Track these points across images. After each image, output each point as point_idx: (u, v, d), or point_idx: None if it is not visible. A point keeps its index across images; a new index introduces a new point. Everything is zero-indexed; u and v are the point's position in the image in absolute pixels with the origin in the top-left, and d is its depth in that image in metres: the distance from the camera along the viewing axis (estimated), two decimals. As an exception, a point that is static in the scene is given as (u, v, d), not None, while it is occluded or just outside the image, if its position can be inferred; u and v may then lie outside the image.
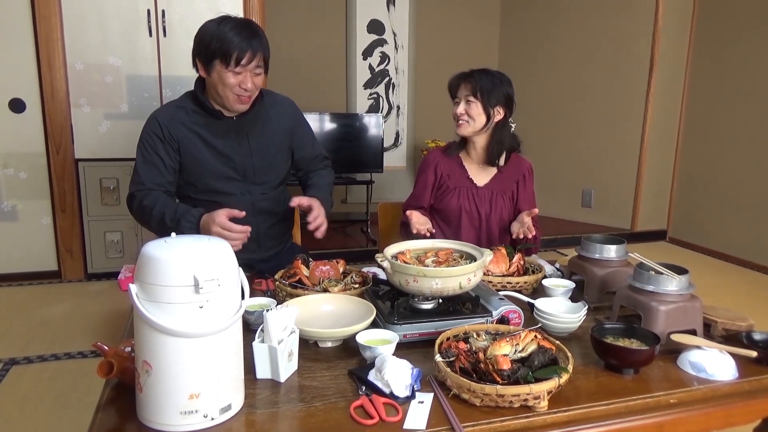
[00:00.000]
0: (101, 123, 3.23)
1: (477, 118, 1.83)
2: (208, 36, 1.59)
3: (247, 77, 1.60)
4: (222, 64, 1.58)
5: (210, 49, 1.58)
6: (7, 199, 3.23)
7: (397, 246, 1.50)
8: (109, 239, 3.37)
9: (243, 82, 1.60)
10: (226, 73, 1.59)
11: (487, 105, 1.81)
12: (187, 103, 1.72)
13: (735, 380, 1.10)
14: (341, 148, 4.32)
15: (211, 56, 1.59)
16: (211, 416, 0.89)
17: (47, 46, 3.07)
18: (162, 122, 1.69)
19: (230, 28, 1.57)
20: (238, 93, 1.62)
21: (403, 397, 0.97)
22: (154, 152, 1.68)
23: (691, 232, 4.43)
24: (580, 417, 0.96)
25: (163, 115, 1.70)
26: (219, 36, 1.56)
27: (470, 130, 1.86)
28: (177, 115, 1.70)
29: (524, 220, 1.77)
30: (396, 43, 4.84)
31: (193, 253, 0.89)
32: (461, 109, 1.84)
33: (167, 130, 1.68)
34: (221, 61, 1.58)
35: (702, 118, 4.29)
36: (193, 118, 1.70)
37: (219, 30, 1.57)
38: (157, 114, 1.72)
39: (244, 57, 1.57)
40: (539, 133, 4.85)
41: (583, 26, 4.62)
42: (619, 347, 1.10)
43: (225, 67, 1.58)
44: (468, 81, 1.83)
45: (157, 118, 1.70)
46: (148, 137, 1.69)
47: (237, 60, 1.56)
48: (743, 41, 3.91)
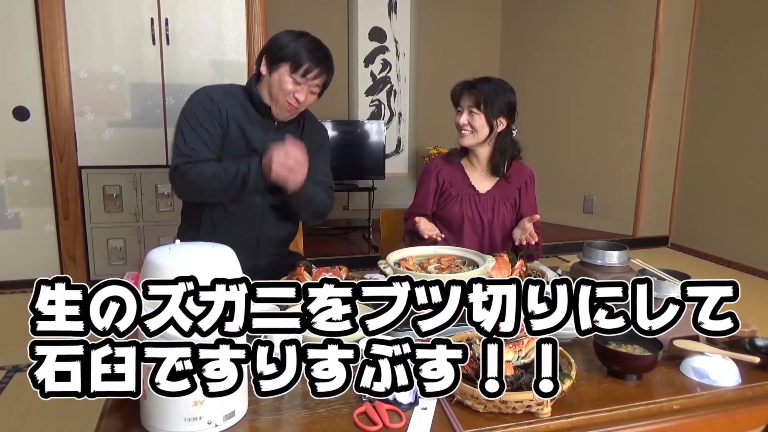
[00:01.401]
0: (105, 131, 3.24)
1: (480, 130, 1.83)
2: (285, 41, 1.63)
3: (304, 90, 1.64)
4: (290, 68, 1.61)
5: (283, 52, 1.61)
6: (10, 206, 3.25)
7: (399, 252, 1.51)
8: (112, 246, 3.37)
9: (298, 92, 1.63)
10: (287, 78, 1.61)
11: (490, 116, 1.81)
12: (238, 91, 1.72)
13: (738, 386, 1.10)
14: (343, 155, 4.33)
15: (281, 58, 1.62)
16: (215, 423, 0.90)
17: (51, 54, 3.09)
18: (213, 97, 1.66)
19: (307, 42, 1.64)
20: (290, 101, 1.64)
21: (406, 404, 0.97)
22: (201, 124, 1.64)
23: (693, 238, 4.42)
24: (583, 423, 0.96)
25: (214, 92, 1.68)
26: (297, 45, 1.62)
27: (473, 141, 1.86)
28: (227, 98, 1.69)
29: (526, 226, 1.77)
30: (397, 51, 4.87)
31: (197, 260, 0.89)
32: (464, 119, 1.84)
33: (216, 105, 1.65)
34: (290, 66, 1.61)
35: (703, 124, 4.29)
36: (241, 106, 1.69)
37: (298, 40, 1.63)
38: (207, 89, 1.69)
39: (312, 71, 1.61)
40: (541, 140, 4.86)
41: (583, 33, 4.64)
42: (622, 353, 1.10)
43: (290, 73, 1.61)
44: (471, 92, 1.82)
45: (208, 92, 1.68)
46: (197, 108, 1.65)
47: (305, 71, 1.61)
48: (744, 47, 3.92)
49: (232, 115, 1.67)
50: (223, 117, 1.66)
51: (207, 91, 1.68)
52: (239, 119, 1.68)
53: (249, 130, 1.69)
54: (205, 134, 1.64)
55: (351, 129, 4.44)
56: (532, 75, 4.95)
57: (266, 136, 1.70)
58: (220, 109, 1.66)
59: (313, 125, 1.86)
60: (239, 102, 1.69)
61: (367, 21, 4.74)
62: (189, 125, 1.64)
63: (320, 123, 1.92)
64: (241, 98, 1.70)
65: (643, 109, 4.36)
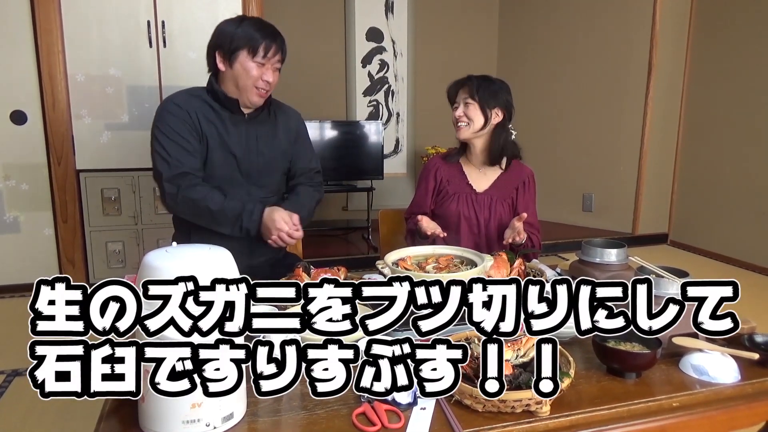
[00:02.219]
0: (102, 134, 3.24)
1: (475, 119, 1.84)
2: (230, 31, 1.64)
3: (269, 70, 1.66)
4: (249, 54, 1.63)
5: (235, 42, 1.63)
6: (9, 210, 3.24)
7: (397, 252, 1.51)
8: (111, 249, 3.37)
9: (265, 74, 1.65)
10: (250, 63, 1.63)
11: (485, 106, 1.83)
12: (201, 93, 1.72)
13: (738, 383, 1.10)
14: (341, 155, 4.34)
15: (236, 47, 1.63)
16: (214, 425, 0.89)
17: (48, 58, 3.09)
18: (182, 105, 1.66)
19: (253, 23, 1.65)
20: (259, 86, 1.66)
21: (405, 404, 0.97)
22: (179, 134, 1.64)
23: (693, 235, 4.43)
24: (582, 422, 0.96)
25: (181, 100, 1.68)
26: (244, 30, 1.63)
27: (469, 132, 1.87)
28: (193, 101, 1.69)
29: (515, 225, 1.77)
30: (395, 51, 4.87)
31: (194, 262, 0.89)
32: (460, 111, 1.86)
33: (187, 112, 1.65)
34: (248, 52, 1.63)
35: (701, 121, 4.30)
36: (207, 108, 1.70)
37: (242, 26, 1.64)
38: (173, 98, 1.69)
39: (270, 49, 1.64)
40: (539, 139, 4.87)
41: (581, 31, 4.64)
42: (621, 351, 1.10)
43: (251, 58, 1.63)
44: (465, 84, 1.86)
45: (175, 101, 1.68)
46: (171, 120, 1.64)
47: (265, 51, 1.63)
48: (741, 43, 3.93)
49: (202, 115, 1.68)
50: (194, 120, 1.66)
51: (172, 100, 1.69)
52: (210, 118, 1.69)
53: (221, 127, 1.70)
54: (184, 142, 1.64)
55: (349, 130, 4.44)
56: (530, 73, 4.96)
57: (240, 131, 1.72)
58: (189, 113, 1.66)
59: (285, 112, 1.87)
60: (205, 102, 1.70)
61: (365, 21, 4.74)
62: (166, 137, 1.64)
63: (290, 107, 1.92)
64: (205, 98, 1.71)
65: (641, 106, 4.37)
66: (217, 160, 1.69)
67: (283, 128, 1.83)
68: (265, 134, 1.77)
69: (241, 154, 1.72)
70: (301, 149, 1.90)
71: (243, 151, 1.72)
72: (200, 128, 1.67)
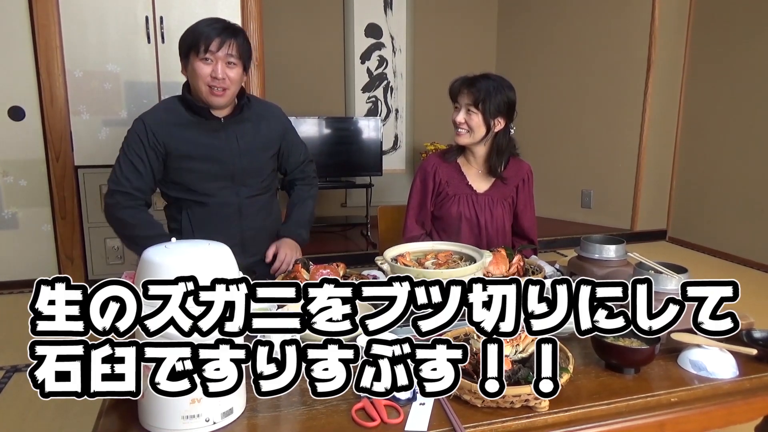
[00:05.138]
0: (100, 130, 3.23)
1: (477, 130, 1.80)
2: (185, 34, 1.65)
3: (218, 66, 1.61)
4: (194, 53, 1.61)
5: (186, 43, 1.63)
6: (7, 206, 3.24)
7: (396, 248, 1.51)
8: (110, 246, 3.37)
9: (214, 71, 1.61)
10: (197, 63, 1.61)
11: (487, 116, 1.78)
12: (175, 104, 1.72)
13: (736, 378, 1.10)
14: (340, 151, 4.33)
15: (186, 50, 1.64)
16: (213, 420, 0.90)
17: (46, 53, 3.08)
18: (148, 125, 1.67)
19: (205, 21, 1.64)
20: (210, 84, 1.62)
21: (404, 399, 0.97)
22: (137, 155, 1.66)
23: (691, 232, 4.43)
24: (581, 417, 0.97)
25: (151, 118, 1.69)
26: (193, 30, 1.63)
27: (469, 140, 1.83)
28: (165, 117, 1.69)
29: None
30: (394, 47, 4.85)
31: (193, 257, 0.89)
32: (461, 117, 1.81)
33: (153, 133, 1.66)
34: (194, 52, 1.61)
35: (700, 117, 4.30)
36: (181, 118, 1.69)
37: (194, 26, 1.64)
38: (144, 117, 1.70)
39: (211, 42, 1.59)
40: (538, 135, 4.86)
41: (580, 28, 4.64)
42: (619, 347, 1.10)
43: (196, 56, 1.61)
44: (470, 90, 1.78)
45: (144, 120, 1.69)
46: (134, 139, 1.67)
47: (206, 46, 1.59)
48: (740, 41, 3.92)
49: (173, 134, 1.67)
50: (160, 143, 1.67)
51: (143, 119, 1.69)
52: (183, 132, 1.68)
53: (199, 136, 1.69)
54: (139, 164, 1.66)
55: (348, 126, 4.44)
56: (529, 70, 4.95)
57: (218, 135, 1.71)
58: (156, 135, 1.66)
59: (265, 109, 1.84)
60: (178, 114, 1.70)
61: (363, 17, 4.72)
62: (125, 155, 1.67)
63: (270, 103, 1.90)
64: (179, 109, 1.70)
65: (640, 103, 4.37)
66: (195, 164, 1.70)
67: (265, 125, 1.80)
68: (245, 134, 1.75)
69: (223, 157, 1.71)
70: (291, 144, 1.90)
71: (224, 155, 1.72)
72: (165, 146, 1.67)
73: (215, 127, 1.71)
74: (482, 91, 1.77)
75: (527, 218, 1.98)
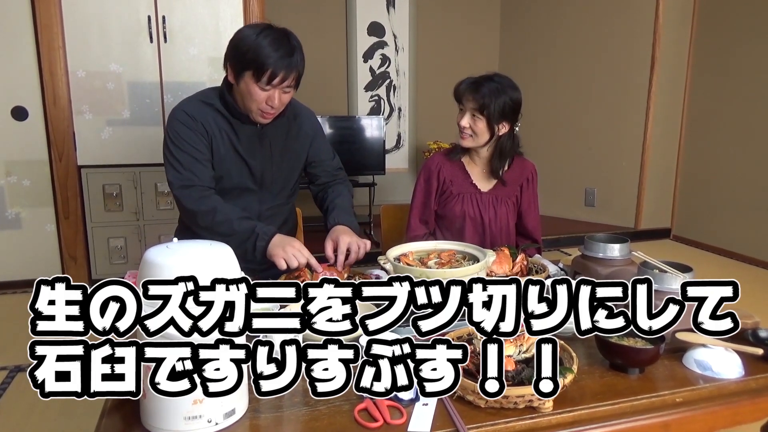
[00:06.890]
0: (103, 130, 3.24)
1: (481, 135, 1.79)
2: (244, 45, 1.49)
3: (275, 95, 1.52)
4: (253, 77, 1.49)
5: (244, 60, 1.48)
6: (10, 206, 3.25)
7: (399, 248, 1.50)
8: (113, 245, 3.38)
9: (270, 99, 1.52)
10: (254, 87, 1.50)
11: (492, 121, 1.76)
12: (214, 100, 1.64)
13: (741, 378, 1.09)
14: (343, 150, 4.29)
15: (244, 66, 1.49)
16: (215, 421, 0.89)
17: (49, 54, 3.08)
18: (192, 114, 1.59)
19: (269, 42, 1.47)
20: (263, 109, 1.54)
21: (407, 400, 0.97)
22: (190, 145, 1.57)
23: (696, 230, 4.41)
24: (585, 417, 0.96)
25: (192, 108, 1.61)
26: (256, 48, 1.47)
27: (473, 144, 1.82)
28: (205, 110, 1.62)
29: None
30: (396, 46, 4.85)
31: (195, 258, 0.89)
32: (465, 122, 1.79)
33: (199, 122, 1.59)
34: (253, 75, 1.48)
35: (704, 115, 4.28)
36: (219, 116, 1.63)
37: (257, 41, 1.47)
38: (184, 106, 1.62)
39: (277, 76, 1.48)
40: (541, 134, 4.85)
41: (583, 26, 4.62)
42: (624, 347, 1.09)
43: (255, 82, 1.49)
44: (474, 96, 1.76)
45: (185, 109, 1.60)
46: (181, 130, 1.58)
47: (270, 78, 1.48)
48: (744, 38, 3.90)
49: (216, 125, 1.61)
50: (208, 132, 1.60)
51: (183, 109, 1.61)
52: (222, 127, 1.62)
53: (234, 136, 1.63)
54: (195, 152, 1.58)
55: (350, 125, 4.43)
56: (532, 68, 4.94)
57: (253, 139, 1.65)
58: (203, 124, 1.59)
59: (299, 116, 1.77)
60: (218, 110, 1.62)
61: (366, 16, 4.72)
62: (177, 147, 1.58)
63: (305, 108, 1.83)
64: (218, 105, 1.63)
65: (644, 101, 4.35)
66: (229, 169, 1.65)
67: (297, 132, 1.74)
68: (279, 141, 1.70)
69: (255, 162, 1.66)
70: (320, 149, 1.83)
71: (256, 160, 1.66)
72: (211, 138, 1.61)
73: (251, 132, 1.65)
74: (487, 96, 1.75)
75: (531, 218, 1.97)
